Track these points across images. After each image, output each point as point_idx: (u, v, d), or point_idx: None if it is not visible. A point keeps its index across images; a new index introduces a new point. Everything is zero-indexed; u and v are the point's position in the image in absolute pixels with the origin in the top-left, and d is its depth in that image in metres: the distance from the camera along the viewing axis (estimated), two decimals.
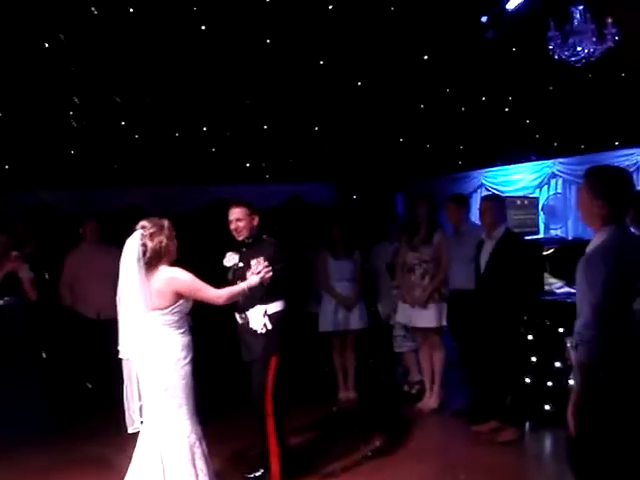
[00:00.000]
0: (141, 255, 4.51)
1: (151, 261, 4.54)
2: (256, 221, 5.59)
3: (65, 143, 8.53)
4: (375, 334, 8.37)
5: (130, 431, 4.55)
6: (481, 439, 6.29)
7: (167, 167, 9.27)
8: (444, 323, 7.25)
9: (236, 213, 5.55)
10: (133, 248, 4.54)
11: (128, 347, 4.57)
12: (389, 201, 10.78)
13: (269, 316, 5.39)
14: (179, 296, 4.53)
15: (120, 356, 4.57)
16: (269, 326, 5.37)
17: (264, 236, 5.58)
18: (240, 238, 5.57)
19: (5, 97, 7.64)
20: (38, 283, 7.21)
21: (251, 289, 4.93)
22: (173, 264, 4.66)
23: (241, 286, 4.89)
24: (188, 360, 4.59)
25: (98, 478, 5.74)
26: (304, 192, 11.09)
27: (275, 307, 5.44)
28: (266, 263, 5.03)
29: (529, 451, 6.22)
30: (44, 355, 7.25)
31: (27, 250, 7.48)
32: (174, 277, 4.54)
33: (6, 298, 6.98)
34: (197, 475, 4.51)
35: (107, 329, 7.60)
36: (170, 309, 4.51)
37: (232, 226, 5.57)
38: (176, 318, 4.56)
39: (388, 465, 5.78)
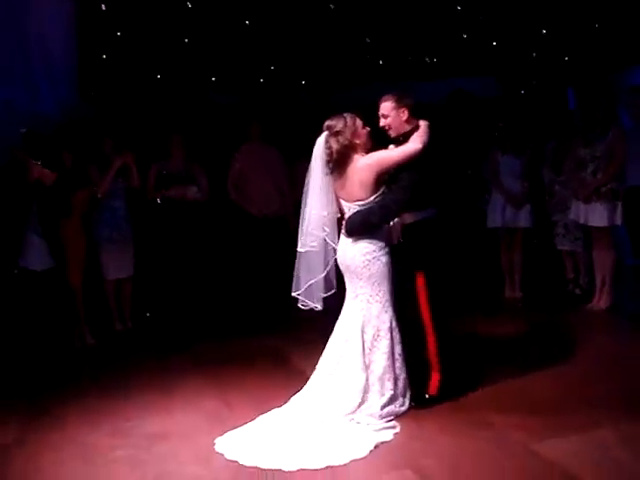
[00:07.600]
0: (329, 158, 4.61)
1: (340, 161, 4.62)
2: (405, 115, 4.79)
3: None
4: (541, 232, 8.21)
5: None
6: None
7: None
8: (618, 222, 6.98)
9: (381, 108, 4.83)
10: (319, 151, 4.64)
11: (306, 242, 4.72)
12: (562, 96, 10.31)
13: (405, 226, 4.84)
14: (382, 182, 4.62)
15: (298, 249, 4.73)
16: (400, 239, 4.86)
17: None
18: (392, 136, 4.88)
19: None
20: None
21: None
22: (369, 151, 4.68)
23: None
24: (388, 249, 4.71)
25: (274, 367, 6.05)
26: (466, 86, 10.76)
27: (410, 218, 4.82)
28: None
29: None
30: (213, 252, 7.62)
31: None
32: (370, 162, 4.61)
33: None
34: (394, 356, 4.68)
35: (270, 226, 7.97)
36: (372, 199, 4.62)
37: (380, 123, 4.87)
38: None
39: (556, 368, 5.54)
